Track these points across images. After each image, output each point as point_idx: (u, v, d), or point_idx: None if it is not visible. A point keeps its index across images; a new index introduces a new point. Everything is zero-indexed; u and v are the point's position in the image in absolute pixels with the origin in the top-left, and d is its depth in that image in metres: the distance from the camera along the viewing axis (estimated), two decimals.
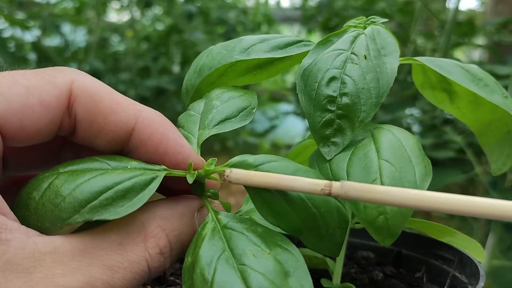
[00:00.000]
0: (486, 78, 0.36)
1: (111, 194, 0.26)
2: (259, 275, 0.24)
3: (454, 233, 0.38)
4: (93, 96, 0.28)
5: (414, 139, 0.33)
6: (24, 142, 0.27)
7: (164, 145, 0.29)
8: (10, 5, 1.56)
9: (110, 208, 0.25)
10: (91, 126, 0.28)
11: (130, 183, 0.26)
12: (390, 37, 0.36)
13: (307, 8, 2.42)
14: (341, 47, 0.35)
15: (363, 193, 0.24)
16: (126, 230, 0.26)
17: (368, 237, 0.45)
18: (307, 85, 0.34)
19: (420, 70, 0.40)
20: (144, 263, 0.25)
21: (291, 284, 0.24)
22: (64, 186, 0.26)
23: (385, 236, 0.29)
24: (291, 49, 0.38)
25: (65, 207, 0.25)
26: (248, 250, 0.26)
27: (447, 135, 1.08)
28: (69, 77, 0.28)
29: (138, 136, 0.29)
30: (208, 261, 0.25)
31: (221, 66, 0.37)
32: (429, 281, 0.39)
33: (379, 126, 0.35)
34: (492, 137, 0.38)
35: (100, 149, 0.30)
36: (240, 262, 0.25)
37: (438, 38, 1.46)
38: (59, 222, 0.25)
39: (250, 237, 0.26)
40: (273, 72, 0.40)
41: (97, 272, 0.24)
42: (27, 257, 0.23)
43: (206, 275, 0.25)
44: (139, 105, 0.30)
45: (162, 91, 2.03)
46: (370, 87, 0.33)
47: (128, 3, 2.27)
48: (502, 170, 0.38)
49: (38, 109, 0.27)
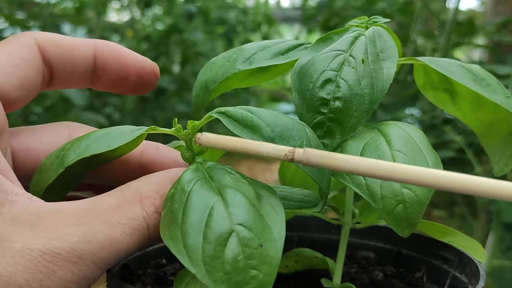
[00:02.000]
0: (488, 78, 0.36)
1: (105, 137, 0.29)
2: (234, 190, 0.26)
3: (454, 233, 0.38)
4: (56, 42, 0.33)
5: (420, 131, 0.33)
6: (24, 98, 0.32)
7: (123, 58, 0.35)
8: (10, 5, 1.56)
9: (103, 146, 0.29)
10: (64, 66, 0.34)
11: (120, 131, 0.30)
12: (391, 40, 0.36)
13: (307, 8, 2.42)
14: (340, 47, 0.35)
15: (324, 159, 0.24)
16: (123, 195, 0.28)
17: (368, 237, 0.45)
18: (302, 84, 0.34)
19: (422, 71, 0.40)
20: (142, 219, 0.27)
21: (263, 203, 0.26)
22: (67, 144, 0.30)
23: (404, 226, 0.29)
24: (293, 53, 0.38)
25: (68, 154, 0.29)
26: (227, 177, 0.27)
27: (447, 135, 1.08)
28: (31, 36, 0.33)
29: (100, 58, 0.35)
30: (189, 180, 0.27)
31: (224, 78, 0.38)
32: (429, 281, 0.39)
33: (385, 122, 0.35)
34: (494, 138, 0.38)
35: (76, 86, 0.36)
36: (218, 183, 0.27)
37: (438, 38, 1.46)
38: (61, 167, 0.28)
39: (230, 172, 0.28)
40: (275, 73, 0.40)
41: (98, 225, 0.26)
42: (32, 214, 0.25)
43: (185, 188, 0.26)
44: (91, 39, 0.36)
45: (162, 91, 2.03)
46: (364, 93, 0.33)
47: (128, 3, 2.27)
48: (504, 171, 0.38)
49: (25, 66, 0.31)
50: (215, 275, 0.23)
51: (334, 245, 0.40)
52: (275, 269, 0.24)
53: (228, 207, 0.25)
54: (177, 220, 0.25)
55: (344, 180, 0.31)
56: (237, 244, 0.24)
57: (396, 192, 0.30)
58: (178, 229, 0.25)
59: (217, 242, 0.24)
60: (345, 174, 0.32)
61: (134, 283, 0.37)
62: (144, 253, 0.41)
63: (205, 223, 0.25)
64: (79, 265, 0.25)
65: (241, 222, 0.25)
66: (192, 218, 0.25)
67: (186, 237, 0.24)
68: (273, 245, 0.24)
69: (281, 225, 0.25)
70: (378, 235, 0.44)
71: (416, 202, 0.29)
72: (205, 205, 0.25)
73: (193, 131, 0.31)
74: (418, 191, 0.30)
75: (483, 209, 1.11)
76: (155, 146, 0.35)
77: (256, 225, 0.25)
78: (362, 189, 0.31)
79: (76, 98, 1.35)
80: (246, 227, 0.24)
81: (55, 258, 0.24)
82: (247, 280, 0.23)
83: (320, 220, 0.42)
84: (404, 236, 0.30)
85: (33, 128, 0.34)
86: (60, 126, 0.34)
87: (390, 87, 0.34)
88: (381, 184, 0.30)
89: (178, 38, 2.27)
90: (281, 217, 0.26)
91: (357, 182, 0.31)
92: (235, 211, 0.25)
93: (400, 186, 0.30)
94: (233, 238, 0.24)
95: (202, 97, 0.39)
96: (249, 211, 0.25)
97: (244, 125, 0.29)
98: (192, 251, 0.24)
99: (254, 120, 0.29)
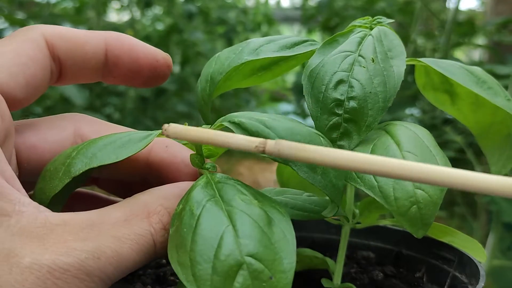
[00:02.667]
0: (489, 81, 0.36)
1: (112, 145, 0.29)
2: (244, 215, 0.25)
3: (455, 233, 0.38)
4: (65, 37, 0.32)
5: (427, 131, 0.33)
6: (30, 97, 0.31)
7: (135, 51, 0.34)
8: (10, 5, 1.56)
9: (111, 156, 0.28)
10: (74, 61, 0.33)
11: (128, 138, 0.29)
12: (397, 38, 0.36)
13: (307, 8, 2.42)
14: (348, 48, 0.35)
15: (295, 151, 0.24)
16: (130, 208, 0.27)
17: (368, 237, 0.45)
18: (314, 87, 0.34)
19: (423, 71, 0.40)
20: (149, 236, 0.27)
21: (275, 230, 0.25)
22: (74, 150, 0.29)
23: (418, 226, 0.29)
24: (299, 48, 0.38)
25: (74, 163, 0.28)
26: (238, 197, 0.27)
27: (447, 135, 1.08)
28: (38, 31, 0.32)
29: (112, 52, 0.33)
30: (198, 201, 0.26)
31: (231, 69, 0.37)
32: (429, 281, 0.39)
33: (390, 122, 0.35)
34: (492, 140, 0.38)
35: (87, 80, 0.35)
36: (229, 205, 0.26)
37: (438, 38, 1.46)
38: (67, 177, 0.28)
39: (241, 189, 0.28)
40: (277, 72, 0.40)
41: (106, 241, 0.25)
42: (40, 226, 0.25)
43: (195, 211, 0.26)
44: (102, 31, 0.34)
45: (163, 91, 2.03)
46: (378, 91, 0.33)
47: (128, 3, 2.27)
48: (502, 173, 0.38)
49: (31, 65, 0.30)
50: None
51: (334, 245, 0.40)
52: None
53: (239, 237, 0.24)
54: (185, 246, 0.25)
55: (355, 183, 0.31)
56: (247, 278, 0.23)
57: (410, 193, 0.30)
58: (187, 255, 0.24)
59: (226, 274, 0.23)
60: (356, 177, 0.31)
61: (134, 283, 0.37)
62: None
63: (214, 254, 0.24)
64: (87, 282, 0.24)
65: (251, 254, 0.24)
66: (201, 247, 0.24)
67: (194, 266, 0.24)
68: (284, 277, 0.24)
69: (291, 255, 0.24)
70: (378, 235, 0.44)
71: (429, 202, 0.29)
72: (215, 234, 0.25)
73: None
74: (431, 191, 0.30)
75: (483, 209, 1.11)
76: (164, 143, 0.34)
77: (267, 256, 0.24)
78: (375, 192, 0.30)
79: (76, 98, 1.35)
80: (257, 258, 0.24)
81: (64, 275, 0.24)
82: None
83: (320, 220, 0.42)
84: (419, 237, 0.30)
85: (37, 124, 0.33)
86: (64, 121, 0.33)
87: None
88: (394, 186, 0.30)
89: (178, 38, 2.28)
90: (293, 245, 0.25)
91: (370, 184, 0.31)
92: (245, 242, 0.24)
93: (413, 187, 0.30)
94: (243, 270, 0.23)
95: (208, 90, 0.39)
96: (260, 240, 0.24)
97: (257, 136, 0.27)
98: (201, 282, 0.23)
99: (270, 135, 0.28)
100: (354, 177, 0.31)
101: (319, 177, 0.29)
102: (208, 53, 2.27)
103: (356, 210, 0.39)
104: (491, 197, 0.95)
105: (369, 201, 0.37)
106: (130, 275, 0.38)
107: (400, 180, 0.30)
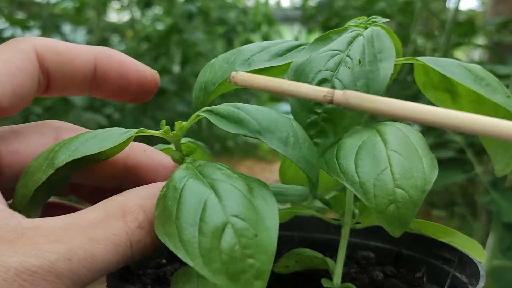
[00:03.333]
0: (488, 78, 0.36)
1: (94, 139, 0.30)
2: (226, 183, 0.27)
3: (455, 233, 0.38)
4: (56, 50, 0.33)
5: (418, 133, 0.33)
6: (16, 106, 0.31)
7: (124, 67, 0.34)
8: (10, 5, 1.56)
9: (93, 147, 0.29)
10: (63, 75, 0.33)
11: (109, 133, 0.30)
12: (389, 40, 0.36)
13: (307, 8, 2.42)
14: (337, 47, 0.35)
15: (363, 101, 0.24)
16: (106, 209, 0.27)
17: (368, 237, 0.45)
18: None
19: (422, 70, 0.40)
20: (125, 236, 0.26)
21: (256, 195, 0.26)
22: (56, 146, 0.30)
23: (396, 225, 0.29)
24: (291, 54, 0.38)
25: (57, 156, 0.29)
26: (218, 172, 0.28)
27: (447, 135, 1.08)
28: (30, 42, 0.32)
29: (101, 68, 0.34)
30: (180, 178, 0.27)
31: (223, 80, 0.38)
32: (429, 281, 0.39)
33: (383, 122, 0.35)
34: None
35: (74, 93, 0.36)
36: (210, 178, 0.27)
37: (438, 38, 1.46)
38: (51, 168, 0.28)
39: (221, 167, 0.29)
40: (275, 74, 0.40)
41: (79, 242, 0.25)
42: (11, 231, 0.25)
43: (177, 186, 0.27)
44: (93, 46, 0.35)
45: (162, 91, 2.03)
46: None
47: (128, 3, 2.27)
48: (506, 171, 0.38)
49: (19, 75, 0.31)
50: (213, 266, 0.24)
51: (334, 245, 0.40)
52: (271, 258, 0.24)
53: (222, 200, 0.25)
54: (171, 217, 0.25)
55: (338, 177, 0.31)
56: (233, 235, 0.24)
57: (389, 191, 0.30)
58: (173, 225, 0.25)
59: (213, 234, 0.24)
60: (339, 171, 0.31)
61: (134, 283, 0.37)
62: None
63: (199, 217, 0.25)
64: (56, 284, 0.24)
65: (235, 214, 0.25)
66: (186, 213, 0.25)
67: (181, 232, 0.25)
68: (268, 235, 0.25)
69: (274, 216, 0.26)
70: (378, 235, 0.44)
71: (408, 202, 0.29)
72: (199, 200, 0.26)
73: (181, 133, 0.31)
74: (411, 191, 0.30)
75: (483, 209, 1.11)
76: (141, 148, 0.34)
77: (250, 216, 0.25)
78: (355, 187, 0.31)
79: (76, 98, 1.35)
80: (241, 218, 0.25)
81: (32, 277, 0.23)
82: (244, 269, 0.23)
83: (320, 220, 0.42)
84: (396, 236, 0.30)
85: (19, 129, 0.33)
86: (45, 128, 0.34)
87: (390, 87, 0.34)
88: (375, 183, 0.30)
89: (178, 38, 2.28)
90: (274, 208, 0.26)
91: (351, 180, 0.31)
92: (229, 203, 0.25)
93: (393, 185, 0.30)
94: (228, 229, 0.24)
95: (202, 99, 0.39)
96: (243, 203, 0.26)
97: (231, 120, 0.29)
98: (189, 245, 0.24)
99: (241, 115, 0.29)
100: (337, 171, 0.31)
101: (291, 150, 0.29)
102: (208, 53, 2.27)
103: (356, 210, 0.39)
104: (491, 197, 0.95)
105: None
106: (130, 275, 0.38)
107: (381, 178, 0.30)
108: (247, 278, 0.23)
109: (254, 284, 0.23)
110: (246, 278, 0.23)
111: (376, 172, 0.30)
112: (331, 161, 0.32)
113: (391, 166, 0.30)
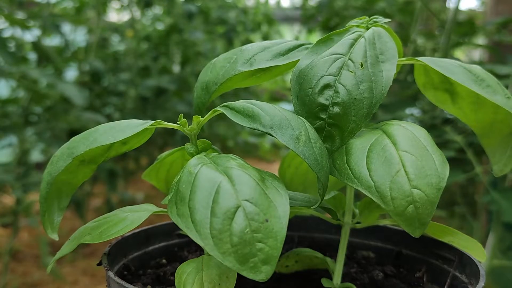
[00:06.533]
0: (488, 79, 0.36)
1: (112, 130, 0.32)
2: (239, 171, 0.27)
3: (455, 233, 0.38)
4: None
5: (424, 130, 0.33)
6: None
7: None
8: (10, 5, 1.56)
9: (109, 138, 0.31)
10: None
11: (127, 123, 0.32)
12: (391, 41, 0.36)
13: (307, 8, 2.42)
14: (339, 51, 0.35)
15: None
16: None
17: (368, 236, 0.45)
18: (302, 89, 0.34)
19: (422, 71, 0.40)
20: None
21: (268, 185, 0.27)
22: (78, 136, 0.33)
23: (415, 226, 0.29)
24: (293, 54, 0.38)
25: (77, 146, 0.31)
26: (232, 161, 0.29)
27: (447, 135, 1.08)
28: None
29: None
30: (195, 164, 0.29)
31: (225, 80, 0.38)
32: (429, 281, 0.39)
33: (387, 122, 0.35)
34: (494, 138, 0.38)
35: None
36: (223, 166, 0.28)
37: (438, 38, 1.46)
38: (70, 158, 0.31)
39: (234, 158, 0.30)
40: (276, 73, 0.40)
41: None
42: None
43: (192, 170, 0.28)
44: None
45: (163, 91, 2.02)
46: (363, 97, 0.33)
47: (128, 3, 2.26)
48: (504, 171, 0.38)
49: None
50: (223, 247, 0.24)
51: (334, 245, 0.40)
52: (280, 244, 0.25)
53: (235, 185, 0.26)
54: (184, 199, 0.26)
55: (352, 183, 0.31)
56: (244, 218, 0.25)
57: (406, 193, 0.30)
58: (186, 206, 0.26)
59: (224, 216, 0.25)
60: (352, 177, 0.32)
61: (134, 283, 0.37)
62: (144, 253, 0.41)
63: (212, 199, 0.26)
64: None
65: (247, 198, 0.26)
66: (199, 196, 0.26)
67: (194, 213, 0.25)
68: (278, 221, 0.25)
69: (285, 204, 0.26)
70: (378, 235, 0.44)
71: (426, 201, 0.29)
72: (212, 184, 0.26)
73: (198, 127, 0.32)
74: (428, 190, 0.30)
75: (483, 209, 1.11)
76: None
77: (262, 202, 0.26)
78: (371, 192, 0.30)
79: (76, 98, 1.35)
80: (252, 203, 0.26)
81: None
82: (253, 252, 0.24)
83: (320, 220, 0.42)
84: (416, 236, 0.30)
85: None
86: None
87: (390, 87, 0.34)
88: (391, 185, 0.30)
89: (178, 38, 2.27)
90: (285, 198, 0.27)
91: (366, 184, 0.31)
92: (241, 188, 0.26)
93: (409, 186, 0.30)
94: (240, 212, 0.25)
95: (203, 98, 0.40)
96: (255, 189, 0.26)
97: (245, 115, 0.30)
98: (200, 225, 0.25)
99: (255, 110, 0.30)
100: (351, 177, 0.31)
101: (302, 148, 0.30)
102: (208, 53, 2.26)
103: (356, 210, 0.39)
104: (491, 197, 0.95)
105: (369, 201, 0.37)
106: (130, 275, 0.38)
107: (396, 180, 0.30)
108: (255, 262, 0.24)
109: (262, 268, 0.24)
110: (254, 262, 0.24)
111: (391, 175, 0.30)
112: (343, 167, 0.32)
113: (404, 167, 0.30)
